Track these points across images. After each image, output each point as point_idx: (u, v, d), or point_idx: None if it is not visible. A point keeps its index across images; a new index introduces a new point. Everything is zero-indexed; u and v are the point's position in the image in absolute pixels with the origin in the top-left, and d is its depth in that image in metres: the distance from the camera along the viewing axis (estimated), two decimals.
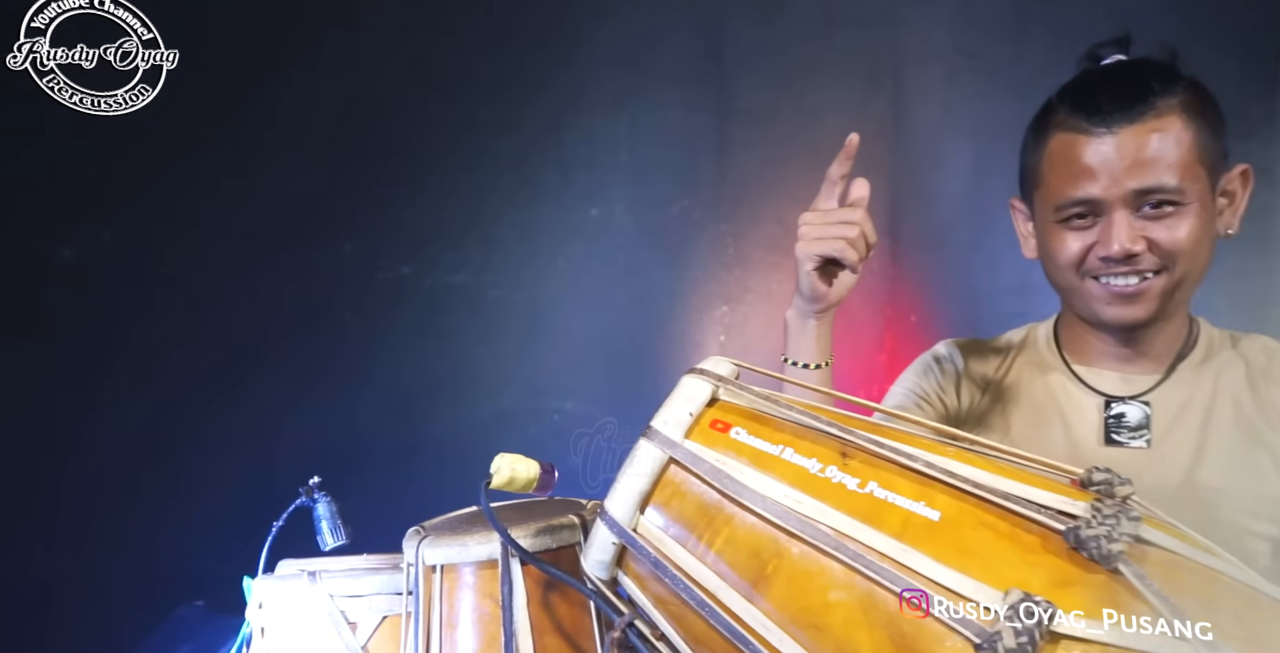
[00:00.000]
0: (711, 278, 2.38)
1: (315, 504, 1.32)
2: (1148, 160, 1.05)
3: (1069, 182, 1.09)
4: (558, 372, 2.42)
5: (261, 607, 1.10)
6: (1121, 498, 0.70)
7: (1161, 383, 1.20)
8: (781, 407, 0.82)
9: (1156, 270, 1.09)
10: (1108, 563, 0.65)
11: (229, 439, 2.19)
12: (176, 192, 2.17)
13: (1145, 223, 1.07)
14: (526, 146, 2.37)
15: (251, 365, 2.27)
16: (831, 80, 2.19)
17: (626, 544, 0.81)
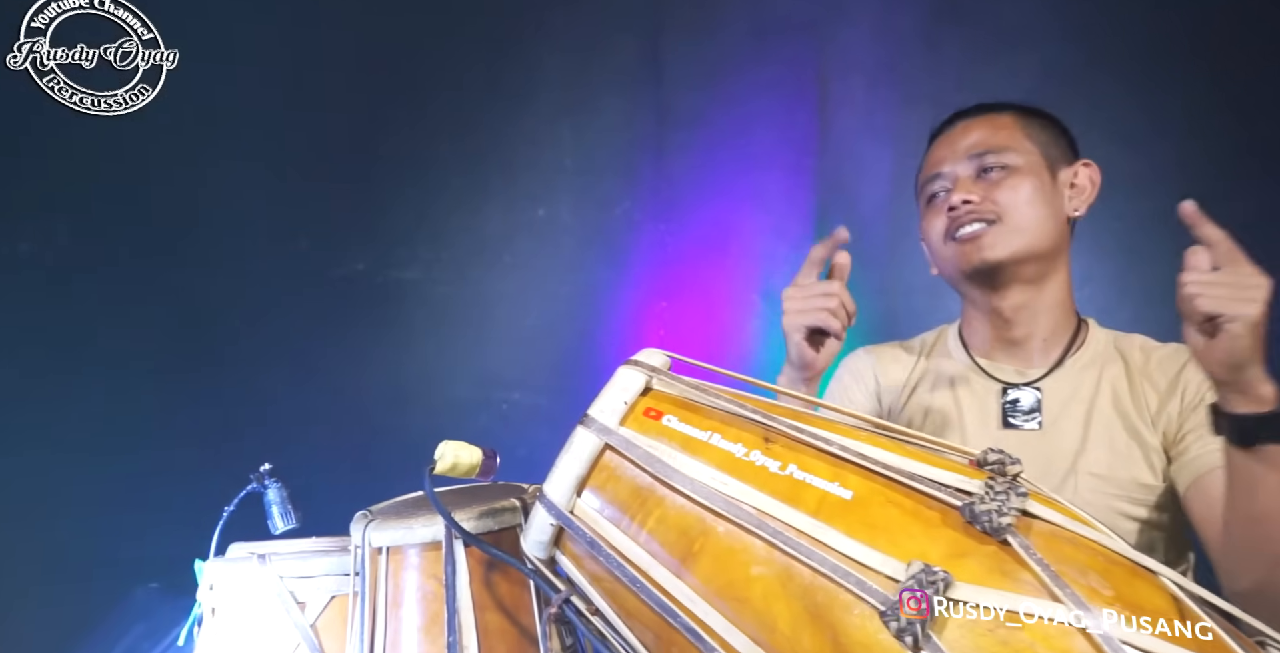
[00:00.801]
0: (651, 275, 2.40)
1: (266, 490, 1.31)
2: (981, 138, 1.25)
3: (928, 166, 1.29)
4: (506, 364, 2.42)
5: (212, 588, 1.09)
6: (1012, 476, 0.73)
7: (1051, 372, 1.26)
8: (710, 395, 0.84)
9: (992, 220, 1.21)
10: (997, 535, 0.68)
11: (184, 427, 2.15)
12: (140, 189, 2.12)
13: (983, 186, 1.23)
14: (474, 150, 2.36)
15: (207, 356, 2.24)
16: (761, 89, 2.22)
17: (564, 526, 0.82)
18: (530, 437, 2.25)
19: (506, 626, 0.90)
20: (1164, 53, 1.80)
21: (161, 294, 2.20)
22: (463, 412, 2.38)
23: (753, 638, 0.71)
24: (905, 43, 1.95)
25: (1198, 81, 1.79)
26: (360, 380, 2.31)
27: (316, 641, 1.03)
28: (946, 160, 1.27)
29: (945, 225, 1.25)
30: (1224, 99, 1.78)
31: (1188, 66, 1.80)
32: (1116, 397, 1.21)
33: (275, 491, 1.31)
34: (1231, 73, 1.77)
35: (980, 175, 1.24)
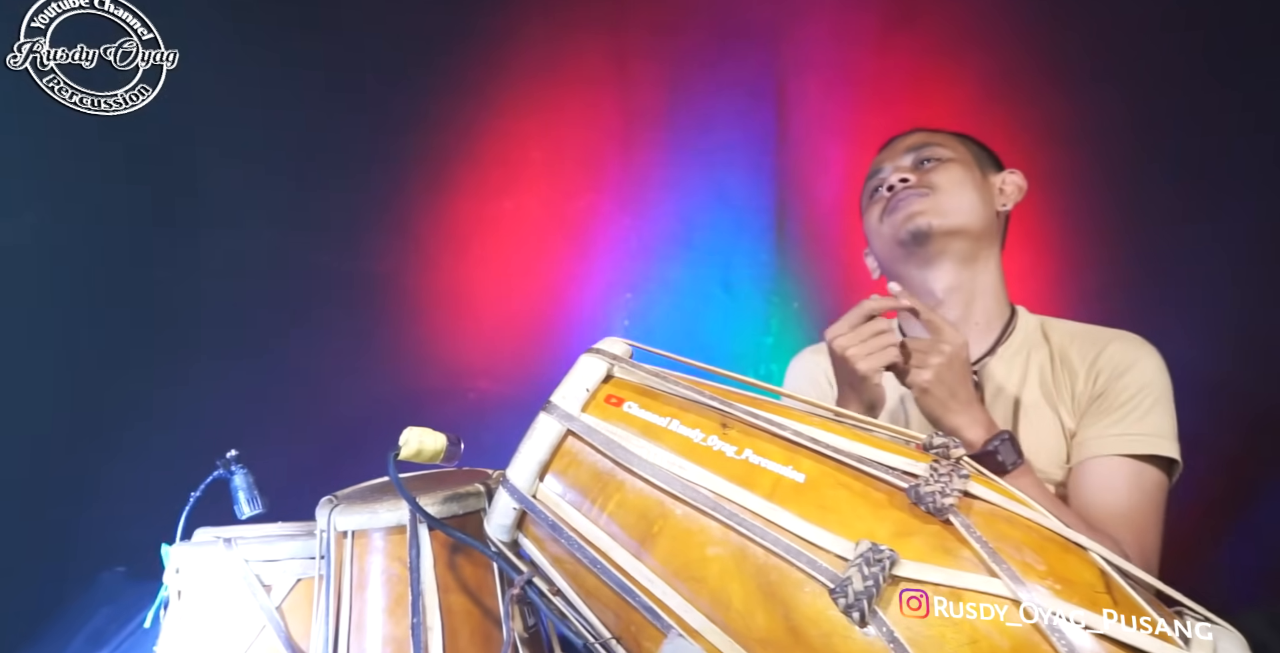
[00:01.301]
0: (617, 267, 2.40)
1: (232, 476, 1.29)
2: (920, 138, 1.35)
3: (871, 168, 1.38)
4: (473, 353, 2.40)
5: (179, 572, 1.08)
6: (955, 459, 0.75)
7: (987, 357, 1.29)
8: (670, 383, 0.85)
9: (926, 193, 1.27)
10: (941, 515, 0.69)
11: (152, 414, 2.12)
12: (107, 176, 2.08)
13: (919, 172, 1.31)
14: (442, 143, 2.34)
15: (176, 344, 2.20)
16: (723, 88, 2.23)
17: (527, 509, 0.82)
18: (497, 425, 2.24)
19: (470, 607, 0.91)
20: (1101, 56, 1.85)
21: (129, 283, 2.17)
22: (430, 400, 2.37)
23: (708, 616, 0.72)
24: (858, 46, 1.98)
25: (1134, 83, 1.84)
26: (327, 369, 2.28)
27: (282, 623, 1.03)
28: (886, 160, 1.36)
29: (883, 206, 1.31)
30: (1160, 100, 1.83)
31: (1126, 69, 1.85)
32: (1042, 382, 1.25)
33: (241, 476, 1.29)
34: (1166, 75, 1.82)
35: (917, 167, 1.32)
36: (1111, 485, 1.14)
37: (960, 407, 1.07)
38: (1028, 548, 0.68)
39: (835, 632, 0.67)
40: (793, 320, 2.24)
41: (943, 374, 1.06)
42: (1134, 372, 1.19)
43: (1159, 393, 1.18)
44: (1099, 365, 1.21)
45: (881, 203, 1.32)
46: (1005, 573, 0.65)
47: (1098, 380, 1.21)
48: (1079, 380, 1.22)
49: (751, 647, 0.70)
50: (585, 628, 0.82)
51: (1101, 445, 1.16)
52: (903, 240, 1.27)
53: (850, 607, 0.66)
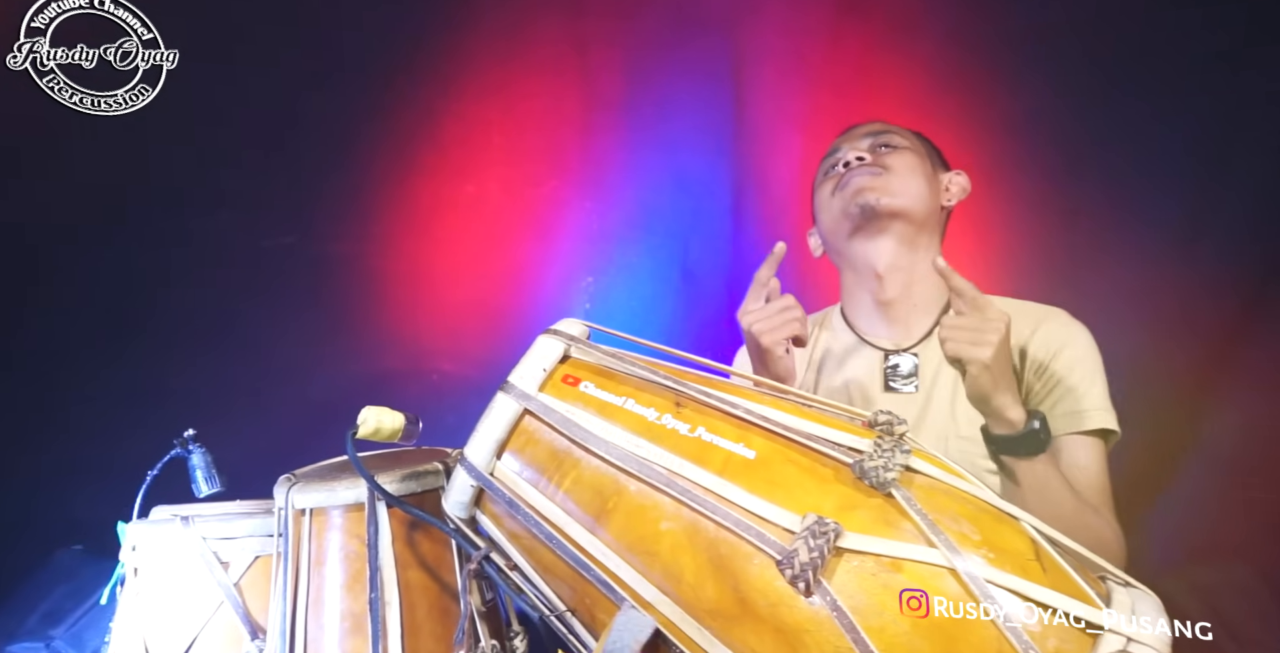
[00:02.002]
0: (577, 251, 2.39)
1: (190, 455, 1.27)
2: (878, 126, 1.36)
3: (829, 151, 1.37)
4: (436, 335, 2.38)
5: (135, 549, 1.06)
6: (899, 435, 0.76)
7: (926, 338, 1.31)
8: (626, 363, 0.85)
9: (879, 173, 1.28)
10: (883, 489, 0.71)
11: (111, 393, 2.07)
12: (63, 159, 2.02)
13: (875, 154, 1.32)
14: (404, 126, 2.30)
15: (137, 324, 2.16)
16: (681, 75, 2.22)
17: (484, 487, 0.82)
18: (459, 405, 2.22)
19: (428, 582, 0.90)
20: (1047, 49, 1.88)
21: (91, 262, 2.11)
22: (393, 382, 2.34)
23: (660, 588, 0.73)
24: (811, 34, 1.99)
25: (1071, 70, 1.87)
26: (290, 350, 2.25)
27: (240, 599, 1.02)
28: (845, 142, 1.37)
29: (836, 181, 1.32)
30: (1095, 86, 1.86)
31: (1070, 62, 1.88)
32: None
33: (199, 455, 1.27)
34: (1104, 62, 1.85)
35: (873, 150, 1.33)
36: (1073, 463, 1.16)
37: (1008, 385, 1.06)
38: (964, 519, 0.69)
39: (782, 602, 0.68)
40: None
41: (1001, 351, 1.03)
42: (1069, 349, 1.21)
43: (1093, 367, 1.21)
44: (1034, 344, 1.23)
45: (835, 179, 1.33)
46: (943, 543, 0.66)
47: (1033, 360, 1.23)
48: (1021, 358, 1.24)
49: (702, 617, 0.71)
50: (541, 601, 0.82)
51: (1069, 422, 1.18)
52: (850, 214, 1.28)
53: (796, 577, 0.67)
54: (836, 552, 0.68)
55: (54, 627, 1.58)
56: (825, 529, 0.68)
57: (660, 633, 0.71)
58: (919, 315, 1.32)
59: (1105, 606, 0.67)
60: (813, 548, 0.67)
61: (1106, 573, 0.74)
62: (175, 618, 1.03)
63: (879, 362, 1.31)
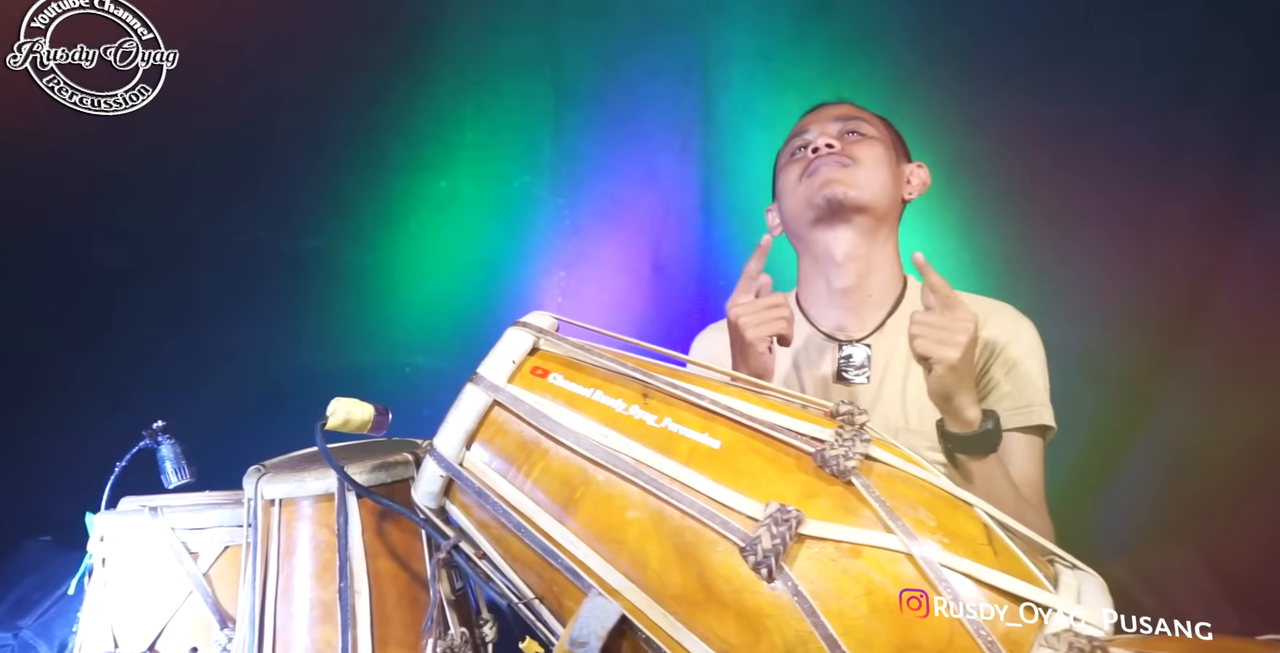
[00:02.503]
0: (550, 246, 2.38)
1: (159, 446, 1.24)
2: (847, 110, 1.35)
3: (795, 131, 1.35)
4: (409, 328, 2.36)
5: (103, 540, 1.04)
6: (859, 425, 0.76)
7: (879, 329, 1.30)
8: (594, 355, 0.84)
9: (847, 164, 1.27)
10: (844, 477, 0.71)
11: (83, 386, 2.04)
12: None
13: (843, 142, 1.30)
14: (376, 122, 2.28)
15: (109, 317, 2.13)
16: (651, 74, 2.22)
17: (453, 477, 0.81)
18: (433, 398, 2.20)
19: (398, 571, 0.89)
20: (1004, 50, 1.90)
21: (60, 255, 2.07)
22: (367, 374, 2.32)
23: (626, 575, 0.73)
24: (777, 36, 2.00)
25: (1032, 73, 1.90)
26: (262, 343, 2.22)
27: (209, 589, 1.00)
28: (814, 123, 1.34)
29: (803, 166, 1.30)
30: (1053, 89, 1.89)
31: (1023, 60, 1.91)
32: None
33: (169, 447, 1.24)
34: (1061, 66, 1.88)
35: (842, 136, 1.31)
36: (1011, 459, 1.17)
37: (969, 385, 1.05)
38: (921, 506, 0.70)
39: (745, 587, 0.68)
40: (719, 298, 2.25)
41: (968, 351, 1.03)
42: (1015, 344, 1.22)
43: (1037, 363, 1.22)
44: (982, 339, 1.23)
45: (803, 163, 1.30)
46: (900, 529, 0.67)
47: (981, 353, 1.23)
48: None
49: (667, 603, 0.71)
50: (510, 589, 0.82)
51: (1013, 418, 1.18)
52: (815, 204, 1.26)
53: (759, 564, 0.68)
54: (798, 538, 0.68)
55: (22, 617, 1.55)
56: (787, 517, 0.68)
57: (626, 619, 0.72)
58: (873, 306, 1.31)
59: (1053, 587, 0.68)
60: (775, 535, 0.68)
61: (1055, 556, 0.75)
62: (143, 608, 1.02)
63: (833, 352, 1.30)
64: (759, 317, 1.12)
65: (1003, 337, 1.23)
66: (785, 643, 0.67)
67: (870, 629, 0.65)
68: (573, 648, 0.70)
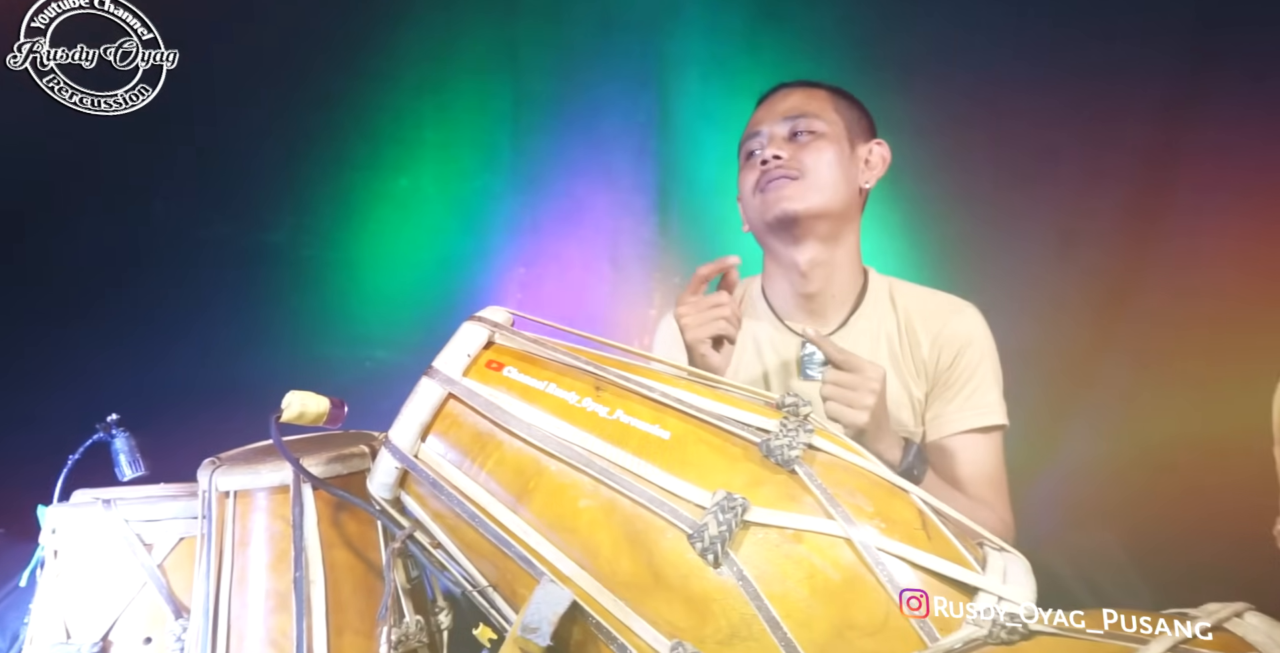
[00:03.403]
0: (509, 243, 2.36)
1: (113, 439, 1.20)
2: (795, 104, 1.27)
3: (750, 125, 1.29)
4: (370, 323, 2.32)
5: (55, 532, 1.01)
6: (803, 416, 0.77)
7: (842, 326, 1.28)
8: (548, 349, 0.84)
9: (795, 176, 1.22)
10: (787, 466, 0.72)
11: (36, 379, 1.96)
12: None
13: (793, 146, 1.24)
14: (337, 120, 2.23)
15: (69, 309, 2.05)
16: (609, 76, 2.20)
17: (408, 468, 0.80)
18: (393, 392, 2.16)
19: (354, 561, 0.88)
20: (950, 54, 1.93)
21: (21, 250, 1.99)
22: (328, 368, 2.28)
23: (578, 562, 0.73)
24: (731, 41, 2.00)
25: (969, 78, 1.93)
26: (221, 337, 2.16)
27: (164, 580, 0.97)
28: (765, 121, 1.28)
29: (756, 178, 1.25)
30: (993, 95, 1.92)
31: (960, 66, 1.93)
32: (890, 352, 1.26)
33: (123, 439, 1.20)
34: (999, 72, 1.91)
35: (792, 137, 1.25)
36: (975, 459, 1.18)
37: (883, 434, 1.05)
38: (860, 493, 0.71)
39: (692, 573, 0.68)
40: (674, 294, 2.25)
41: (877, 410, 1.02)
42: (974, 347, 1.22)
43: (993, 365, 1.23)
44: (942, 340, 1.23)
45: (755, 172, 1.26)
46: (840, 515, 0.68)
47: (942, 354, 1.23)
48: (923, 349, 1.24)
49: (617, 589, 0.71)
50: (464, 578, 0.81)
51: (960, 421, 1.19)
52: (770, 222, 1.24)
53: (706, 550, 0.68)
54: (743, 525, 0.68)
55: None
56: (733, 504, 0.68)
57: (577, 605, 0.71)
58: (836, 306, 1.29)
59: (981, 569, 0.69)
60: (721, 522, 0.68)
61: (984, 540, 0.76)
62: (97, 599, 0.98)
63: (794, 348, 1.29)
64: (699, 317, 1.11)
65: (962, 338, 1.22)
66: (730, 625, 0.67)
67: (811, 611, 0.66)
68: (525, 634, 0.69)
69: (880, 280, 1.31)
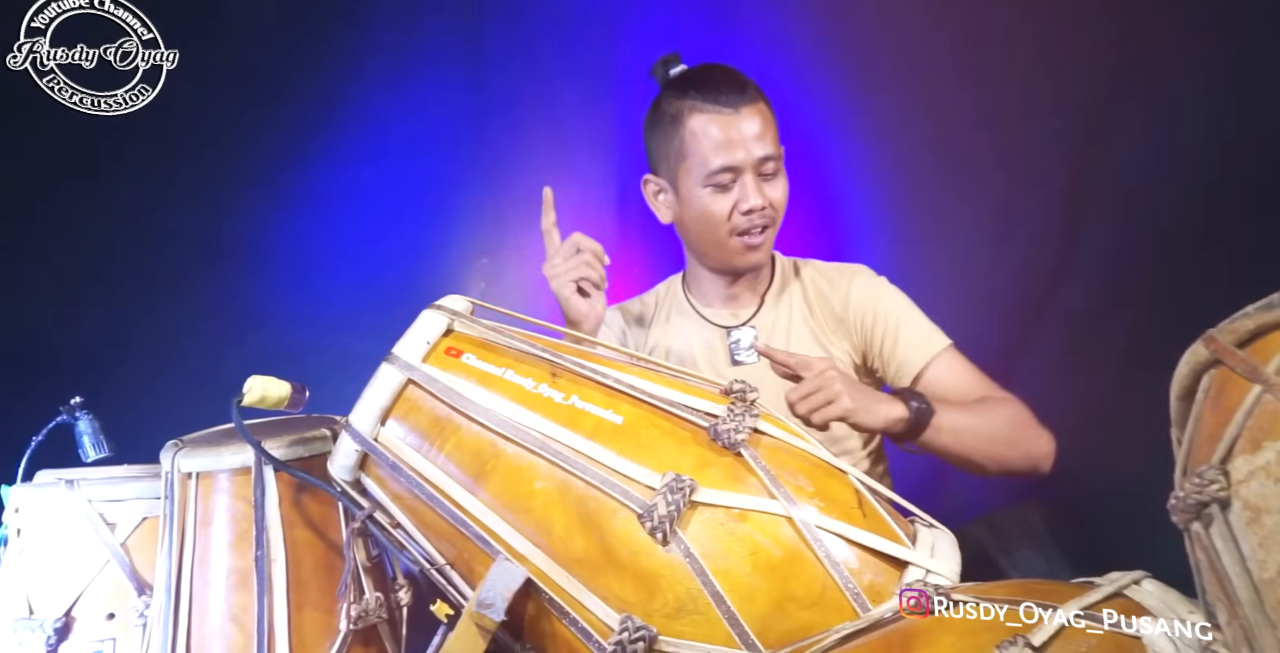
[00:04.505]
0: (473, 234, 2.33)
1: (77, 421, 1.16)
2: (761, 132, 1.17)
3: (716, 153, 1.16)
4: (335, 310, 2.27)
5: (18, 511, 0.98)
6: (750, 402, 0.78)
7: (759, 311, 1.28)
8: (506, 336, 0.83)
9: (768, 224, 1.20)
10: (733, 449, 0.72)
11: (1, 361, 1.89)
12: None
13: (763, 184, 1.18)
14: (304, 112, 2.17)
15: (29, 294, 1.97)
16: (571, 73, 2.17)
17: (368, 452, 0.79)
18: (357, 376, 2.13)
19: (315, 540, 0.86)
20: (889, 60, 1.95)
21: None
22: (292, 353, 2.22)
23: (532, 541, 0.72)
24: (682, 43, 1.99)
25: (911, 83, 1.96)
26: (186, 322, 2.10)
27: (127, 558, 0.95)
28: (738, 150, 1.16)
29: (732, 219, 1.18)
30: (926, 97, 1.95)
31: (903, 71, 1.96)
32: (805, 322, 1.26)
33: (86, 422, 1.17)
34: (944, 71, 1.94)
35: (763, 174, 1.19)
36: (949, 380, 1.18)
37: (874, 402, 1.02)
38: (801, 474, 0.72)
39: (642, 550, 0.69)
40: (630, 284, 2.24)
41: (851, 392, 0.98)
42: (882, 298, 1.23)
43: (908, 304, 1.24)
44: (853, 304, 1.24)
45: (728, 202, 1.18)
46: (782, 495, 0.69)
47: (862, 316, 1.23)
48: (832, 311, 1.25)
49: (570, 567, 0.71)
50: (423, 556, 0.80)
51: (913, 360, 1.19)
52: (739, 266, 1.22)
53: (655, 529, 0.68)
54: (691, 505, 0.69)
55: None
56: (681, 485, 0.69)
57: (531, 582, 0.71)
58: (754, 291, 1.29)
59: (912, 544, 0.71)
60: (670, 502, 0.68)
61: (916, 516, 0.78)
62: (60, 576, 0.96)
63: (722, 338, 1.28)
64: (562, 267, 1.10)
65: (870, 295, 1.24)
66: (677, 599, 0.68)
67: (753, 585, 0.67)
68: (480, 609, 0.69)
69: (783, 261, 1.32)
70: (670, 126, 1.21)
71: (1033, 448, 1.12)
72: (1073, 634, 0.51)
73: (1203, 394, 0.47)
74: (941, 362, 1.20)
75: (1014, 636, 0.51)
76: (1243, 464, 0.42)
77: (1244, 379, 0.43)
